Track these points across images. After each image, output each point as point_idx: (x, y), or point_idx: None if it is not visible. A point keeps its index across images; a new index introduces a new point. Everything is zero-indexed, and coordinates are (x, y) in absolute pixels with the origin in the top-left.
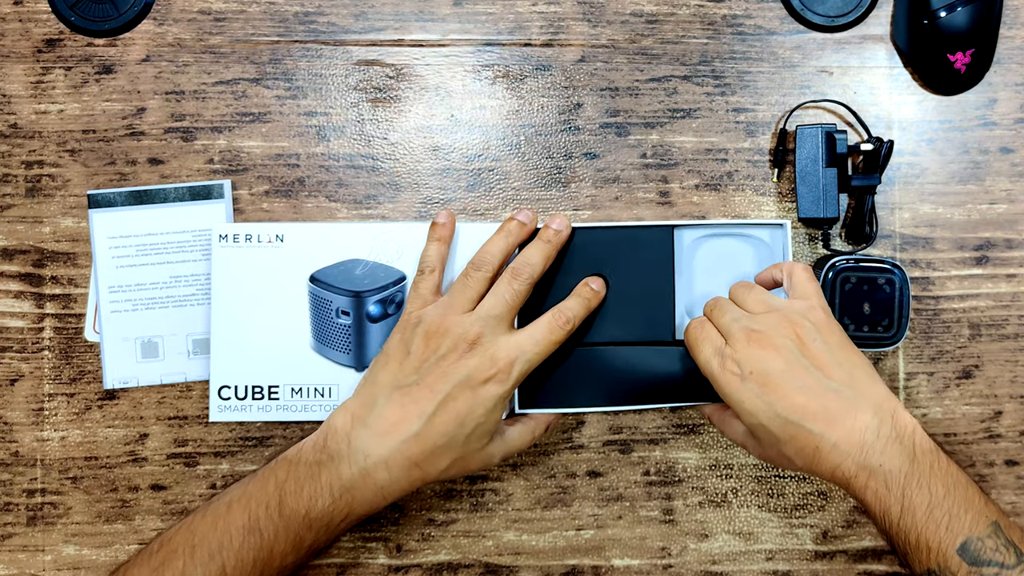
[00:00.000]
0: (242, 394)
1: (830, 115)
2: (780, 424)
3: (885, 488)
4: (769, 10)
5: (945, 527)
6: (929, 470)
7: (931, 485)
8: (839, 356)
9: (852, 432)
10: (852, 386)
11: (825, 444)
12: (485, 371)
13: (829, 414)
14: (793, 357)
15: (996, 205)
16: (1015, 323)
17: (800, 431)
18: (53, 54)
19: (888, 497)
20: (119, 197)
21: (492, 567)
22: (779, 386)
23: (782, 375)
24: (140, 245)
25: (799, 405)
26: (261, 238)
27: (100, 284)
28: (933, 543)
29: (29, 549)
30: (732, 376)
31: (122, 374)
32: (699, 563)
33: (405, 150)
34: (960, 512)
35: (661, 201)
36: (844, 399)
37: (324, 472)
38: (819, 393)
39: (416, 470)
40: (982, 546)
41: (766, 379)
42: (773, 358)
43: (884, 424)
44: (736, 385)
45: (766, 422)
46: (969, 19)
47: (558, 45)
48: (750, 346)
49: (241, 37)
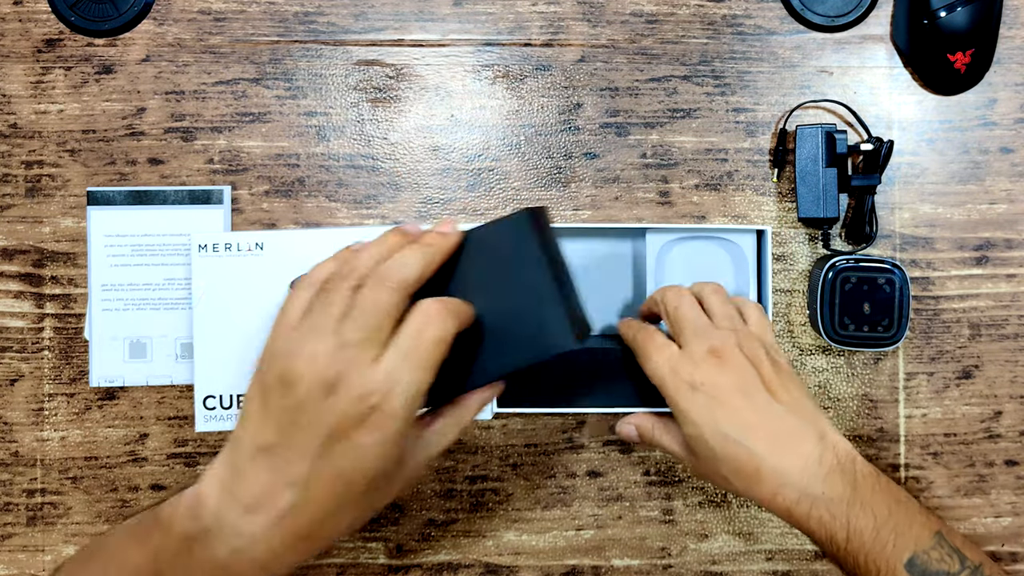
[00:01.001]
0: (227, 403)
1: (830, 115)
2: (722, 440)
3: (829, 515)
4: (769, 10)
5: (892, 545)
6: (871, 493)
7: (874, 507)
8: (787, 383)
9: (795, 459)
10: (798, 413)
11: (766, 467)
12: (353, 415)
13: (774, 438)
14: (747, 377)
15: (996, 205)
16: (1015, 323)
17: (741, 450)
18: (53, 54)
19: (833, 523)
20: (118, 196)
21: (492, 567)
22: (728, 402)
23: (733, 392)
24: (136, 245)
25: (745, 424)
26: (241, 246)
27: (93, 281)
28: (881, 562)
29: (29, 549)
30: (683, 384)
31: (108, 373)
32: (699, 563)
33: (405, 150)
34: (904, 529)
35: (661, 201)
36: (790, 425)
37: (197, 548)
38: (767, 415)
39: (304, 543)
40: (928, 559)
41: (717, 392)
42: (728, 374)
43: (827, 452)
44: (685, 394)
45: (708, 436)
46: (969, 19)
47: (558, 45)
48: (707, 359)
49: (241, 37)
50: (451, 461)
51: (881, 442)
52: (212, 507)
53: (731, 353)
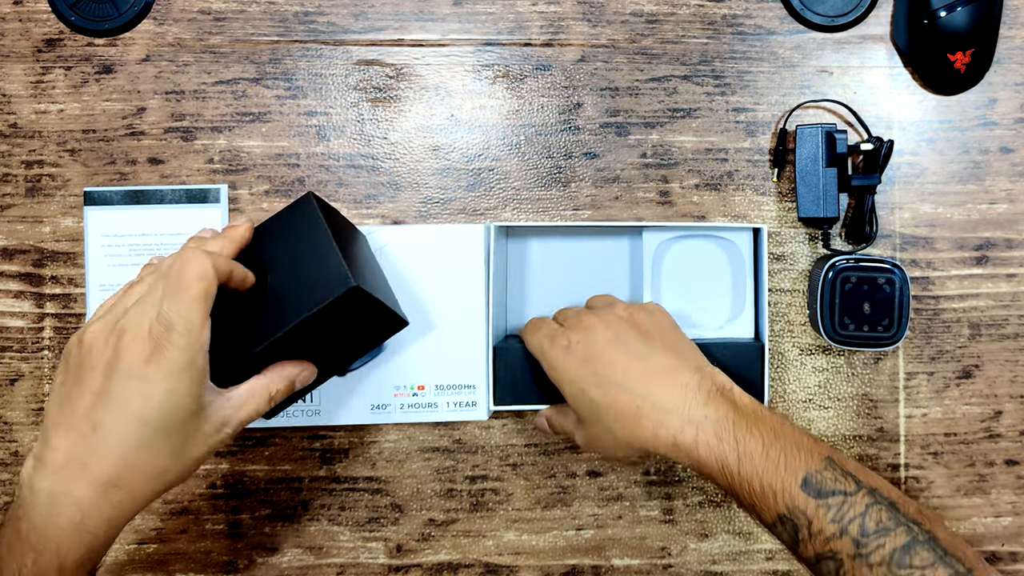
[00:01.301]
0: None
1: (830, 115)
2: (599, 389)
3: (716, 439)
4: (769, 10)
5: (784, 467)
6: (755, 417)
7: (760, 430)
8: (666, 331)
9: (674, 389)
10: (674, 353)
11: (646, 404)
12: (139, 352)
13: (650, 374)
14: (620, 329)
15: (996, 205)
16: (1015, 323)
17: (621, 392)
18: (53, 54)
19: (721, 447)
20: (115, 195)
21: (492, 567)
22: (603, 353)
23: (606, 343)
24: (133, 245)
25: (620, 366)
26: None
27: (90, 281)
28: (776, 484)
29: None
30: (559, 349)
31: None
32: (699, 563)
33: (405, 150)
34: (793, 451)
35: (661, 201)
36: (665, 362)
37: (23, 526)
38: (640, 356)
39: (116, 491)
40: (823, 478)
41: (591, 347)
42: (601, 330)
43: (704, 380)
44: (561, 355)
45: (586, 387)
46: (969, 19)
47: (558, 45)
48: (580, 322)
49: (241, 37)
50: (451, 461)
51: (881, 442)
52: (27, 481)
53: (604, 313)
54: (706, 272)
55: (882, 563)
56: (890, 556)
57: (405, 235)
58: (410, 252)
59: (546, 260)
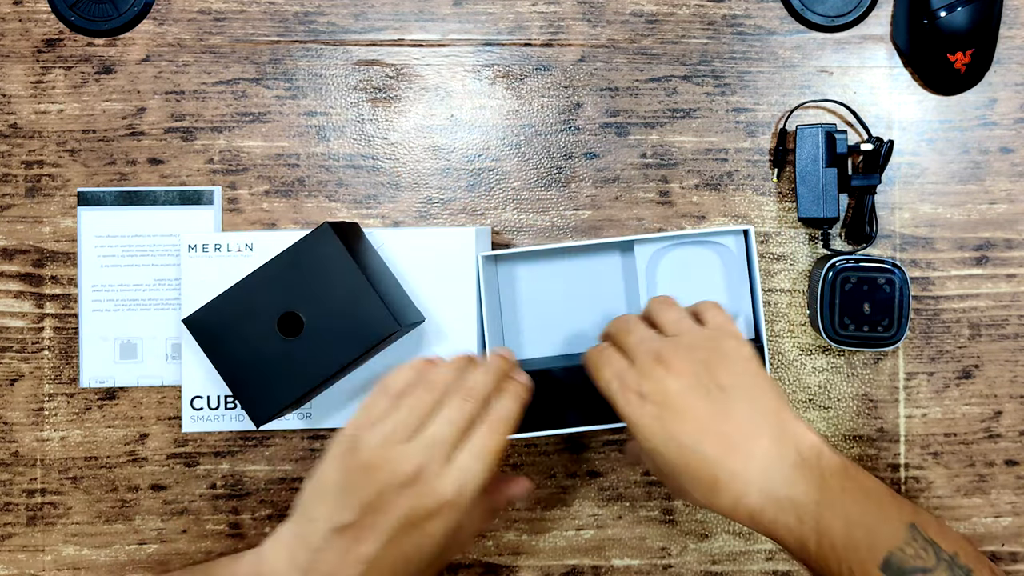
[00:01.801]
0: (214, 404)
1: (830, 115)
2: (676, 449)
3: (797, 520)
4: (769, 10)
5: (866, 547)
6: (840, 491)
7: (845, 507)
8: (745, 380)
9: (753, 461)
10: (753, 408)
11: (723, 474)
12: (428, 507)
13: (729, 440)
14: (696, 380)
15: (996, 205)
16: (1015, 323)
17: (695, 457)
18: (53, 54)
19: (801, 528)
20: (109, 196)
21: (492, 567)
22: (677, 408)
23: (681, 396)
24: (126, 246)
25: (697, 429)
26: (231, 247)
27: (83, 282)
28: (856, 566)
29: (29, 549)
30: (632, 396)
31: (98, 373)
32: (699, 563)
33: (405, 150)
34: (877, 526)
35: (661, 201)
36: (744, 423)
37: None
38: (718, 415)
39: None
40: (903, 556)
41: (665, 400)
42: (674, 380)
43: (787, 450)
44: (634, 406)
45: (661, 446)
46: (969, 19)
47: (558, 45)
48: (654, 368)
49: (241, 37)
50: None
51: (881, 442)
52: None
53: (677, 357)
54: (701, 278)
55: None
56: None
57: (397, 238)
58: (403, 254)
59: (538, 282)
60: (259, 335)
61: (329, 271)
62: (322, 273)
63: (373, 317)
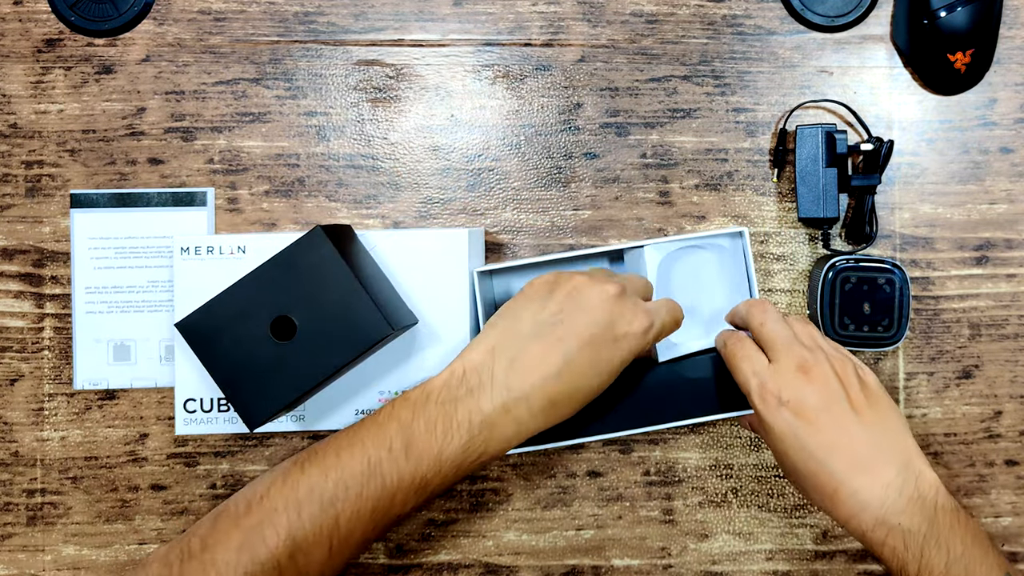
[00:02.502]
0: (208, 406)
1: (830, 115)
2: (805, 457)
3: (903, 547)
4: (769, 10)
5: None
6: (948, 529)
7: (950, 544)
8: (875, 403)
9: (875, 485)
10: (884, 437)
11: (845, 490)
12: (627, 324)
13: (856, 460)
14: (834, 397)
15: (996, 205)
16: (1015, 323)
17: (823, 470)
18: (53, 54)
19: (905, 555)
20: (102, 198)
21: (492, 567)
22: (814, 420)
23: (818, 410)
24: (119, 248)
25: (828, 443)
26: (223, 250)
27: (76, 284)
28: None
29: (29, 549)
30: (770, 398)
31: (92, 375)
32: (699, 563)
33: (405, 150)
34: (975, 568)
35: (661, 201)
36: (873, 448)
37: (461, 407)
38: (850, 436)
39: (552, 410)
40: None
41: (802, 409)
42: (815, 392)
43: (908, 483)
44: (772, 408)
45: (792, 452)
46: (969, 19)
47: (558, 45)
48: (796, 375)
49: (241, 37)
50: None
51: None
52: (486, 368)
53: (819, 370)
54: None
55: None
56: None
57: (390, 239)
58: (396, 256)
59: None
60: (252, 338)
61: (322, 274)
62: (315, 276)
63: (366, 320)
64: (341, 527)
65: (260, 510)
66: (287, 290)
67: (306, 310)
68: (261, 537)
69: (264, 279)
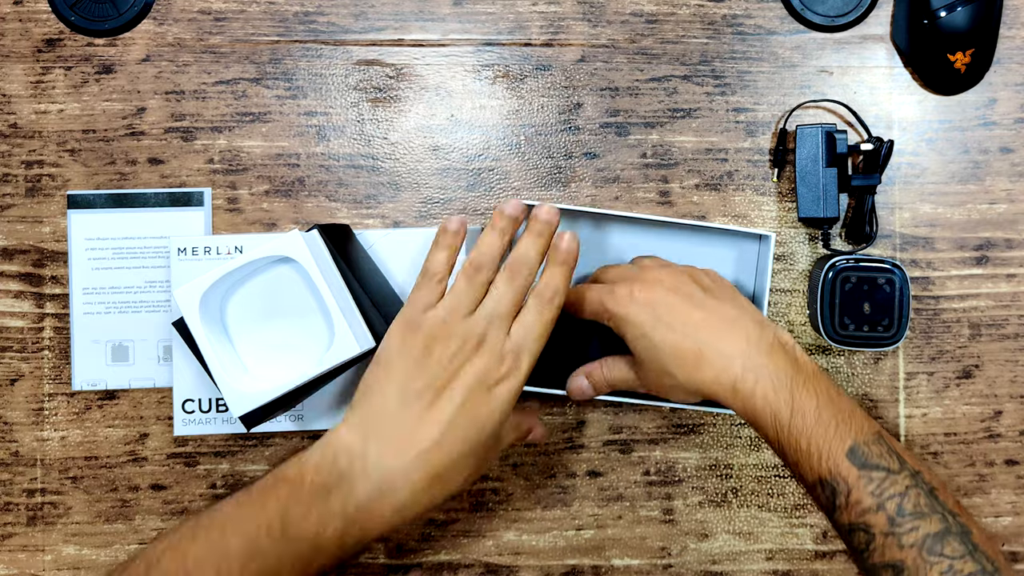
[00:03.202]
0: (206, 407)
1: (830, 115)
2: (664, 331)
3: (773, 391)
4: (769, 10)
5: (833, 430)
6: (813, 376)
7: (816, 389)
8: (726, 288)
9: (737, 339)
10: (735, 307)
11: (709, 350)
12: (496, 370)
13: (713, 322)
14: (682, 281)
15: (996, 205)
16: (1015, 323)
17: (684, 338)
18: (53, 54)
19: (777, 400)
20: (99, 199)
21: (492, 567)
22: (667, 302)
23: (669, 291)
24: (117, 248)
25: (683, 312)
26: (220, 250)
27: (74, 285)
28: (824, 447)
29: (29, 549)
30: (621, 296)
31: (91, 376)
32: (699, 563)
33: (405, 150)
34: (845, 417)
35: (661, 201)
36: (729, 314)
37: (335, 494)
38: (704, 306)
39: (438, 484)
40: (869, 451)
41: (654, 294)
42: (661, 283)
43: (767, 333)
44: (624, 302)
45: (649, 331)
46: (969, 19)
47: (558, 45)
48: (640, 275)
49: (241, 37)
50: None
51: None
52: (358, 451)
53: (662, 274)
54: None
55: (913, 545)
56: (922, 540)
57: (388, 238)
58: (393, 254)
59: None
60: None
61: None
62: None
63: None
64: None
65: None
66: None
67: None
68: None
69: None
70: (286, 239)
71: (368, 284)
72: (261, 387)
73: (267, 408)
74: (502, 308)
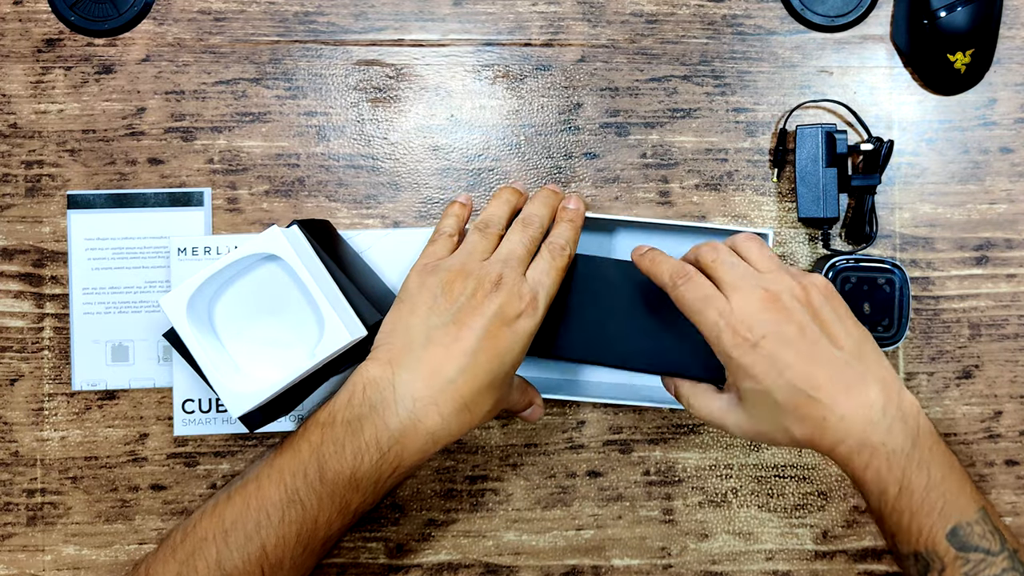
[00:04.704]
0: (206, 407)
1: (830, 115)
2: (787, 392)
3: (887, 468)
4: (769, 10)
5: (938, 511)
6: (929, 453)
7: (930, 468)
8: (847, 326)
9: (859, 407)
10: (860, 359)
11: (832, 416)
12: (515, 306)
13: (839, 386)
14: (806, 323)
15: (996, 205)
16: (1015, 323)
17: (808, 401)
18: (53, 54)
19: (888, 477)
20: (98, 199)
21: (492, 567)
22: (790, 353)
23: (794, 342)
24: (116, 248)
25: (810, 374)
26: (220, 250)
27: (74, 285)
28: (925, 526)
29: (29, 549)
30: (742, 340)
31: (90, 376)
32: (699, 563)
33: (405, 150)
34: (953, 497)
35: (661, 201)
36: (853, 371)
37: (367, 425)
38: (830, 363)
39: (465, 413)
40: (971, 531)
41: (778, 345)
42: (786, 323)
43: (890, 402)
44: (745, 350)
45: (773, 389)
46: (969, 19)
47: (558, 45)
48: (763, 309)
49: (241, 37)
50: (451, 461)
51: None
52: (386, 382)
53: (785, 298)
54: None
55: None
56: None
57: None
58: (394, 255)
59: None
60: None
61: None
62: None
63: (356, 315)
64: (269, 554)
65: (192, 540)
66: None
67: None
68: (193, 567)
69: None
70: (266, 236)
71: (354, 275)
72: (257, 386)
73: (267, 409)
74: (517, 252)
